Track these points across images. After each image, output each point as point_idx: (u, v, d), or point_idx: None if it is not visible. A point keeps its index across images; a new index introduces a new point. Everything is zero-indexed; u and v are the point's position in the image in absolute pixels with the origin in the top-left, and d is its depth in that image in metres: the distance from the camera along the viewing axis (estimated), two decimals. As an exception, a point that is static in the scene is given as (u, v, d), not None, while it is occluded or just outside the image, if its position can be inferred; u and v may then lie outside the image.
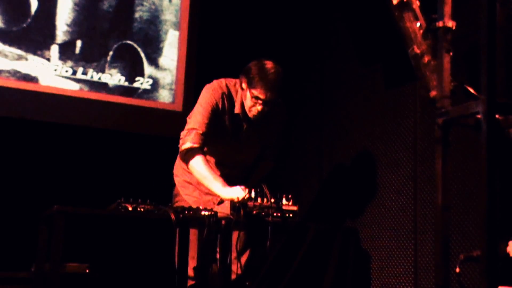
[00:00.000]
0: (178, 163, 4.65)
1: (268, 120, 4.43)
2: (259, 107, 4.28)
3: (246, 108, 4.35)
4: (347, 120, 5.32)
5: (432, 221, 4.25)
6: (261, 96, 4.23)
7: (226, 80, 4.49)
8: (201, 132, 4.29)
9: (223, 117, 4.41)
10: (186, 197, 4.52)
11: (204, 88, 4.47)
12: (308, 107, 5.84)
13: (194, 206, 3.88)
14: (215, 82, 4.47)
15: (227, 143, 4.48)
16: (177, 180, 4.65)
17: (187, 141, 4.29)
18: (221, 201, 4.07)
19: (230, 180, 4.24)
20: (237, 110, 4.41)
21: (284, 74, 4.33)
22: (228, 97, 4.42)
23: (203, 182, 4.27)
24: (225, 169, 4.51)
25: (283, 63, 4.38)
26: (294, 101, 5.76)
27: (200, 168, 4.25)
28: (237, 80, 4.43)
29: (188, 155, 4.30)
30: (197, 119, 4.34)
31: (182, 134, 4.37)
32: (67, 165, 5.75)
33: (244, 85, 4.32)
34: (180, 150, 4.37)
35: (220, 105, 4.38)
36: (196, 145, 4.28)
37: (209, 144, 4.43)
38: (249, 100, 4.29)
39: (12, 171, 5.49)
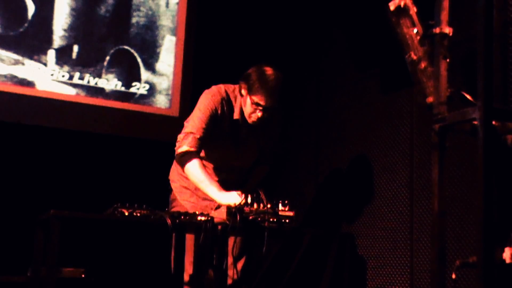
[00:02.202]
0: (175, 168, 4.64)
1: (266, 125, 4.43)
2: (259, 114, 4.28)
3: (246, 114, 4.35)
4: (343, 125, 5.32)
5: (428, 227, 4.25)
6: (262, 103, 4.23)
7: (225, 86, 4.48)
8: (198, 136, 4.29)
9: (221, 123, 4.40)
10: (183, 202, 4.52)
11: (203, 93, 4.46)
12: (304, 112, 5.85)
13: (191, 212, 3.88)
14: (214, 87, 4.46)
15: (225, 148, 4.48)
16: (174, 185, 4.64)
17: (184, 144, 4.29)
18: (219, 207, 4.07)
19: (227, 185, 4.24)
20: (236, 116, 4.41)
21: (283, 80, 4.33)
22: (227, 102, 4.42)
23: (198, 185, 4.26)
24: (222, 174, 4.51)
25: (279, 67, 4.38)
26: (290, 106, 5.76)
27: (196, 172, 4.24)
28: (236, 86, 4.43)
29: (184, 158, 4.29)
30: (194, 123, 4.33)
31: (179, 137, 4.36)
32: (64, 170, 5.75)
33: (244, 92, 4.31)
34: (176, 153, 4.36)
35: (219, 111, 4.38)
36: (192, 149, 4.28)
37: (207, 149, 4.43)
38: (249, 106, 4.29)
39: (8, 175, 5.49)
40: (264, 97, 4.22)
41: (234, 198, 3.97)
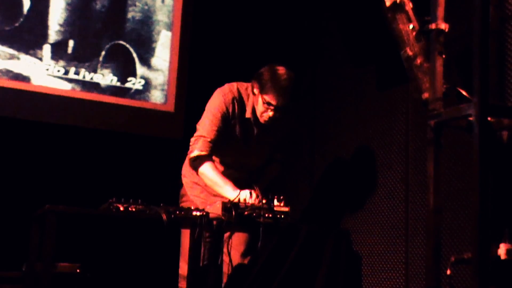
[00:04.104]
0: (187, 163, 4.62)
1: (277, 123, 4.41)
2: (270, 113, 4.25)
3: (258, 114, 4.33)
4: (339, 121, 5.32)
5: (423, 223, 4.25)
6: (273, 102, 4.21)
7: (238, 84, 4.45)
8: (209, 139, 4.28)
9: (233, 122, 4.38)
10: (193, 198, 4.51)
11: (215, 92, 4.43)
12: (300, 108, 5.84)
13: (201, 207, 3.88)
14: (226, 86, 4.44)
15: (237, 147, 4.45)
16: (185, 180, 4.63)
17: (195, 149, 4.29)
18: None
19: (239, 183, 4.20)
20: (248, 114, 4.39)
21: (296, 79, 4.33)
22: (239, 101, 4.39)
23: (213, 188, 4.26)
24: (235, 173, 4.47)
25: (275, 63, 4.37)
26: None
27: (210, 175, 4.25)
28: (249, 84, 4.39)
29: (197, 162, 4.30)
30: (205, 126, 4.33)
31: (191, 141, 4.37)
32: (59, 165, 5.74)
33: (256, 91, 4.29)
34: (188, 157, 4.38)
35: (230, 110, 4.36)
36: (204, 153, 4.28)
37: (219, 148, 4.40)
38: (261, 105, 4.26)
39: (4, 170, 5.48)
40: (275, 97, 4.20)
41: (246, 195, 3.98)
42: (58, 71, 5.86)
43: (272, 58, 4.51)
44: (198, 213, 3.76)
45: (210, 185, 4.30)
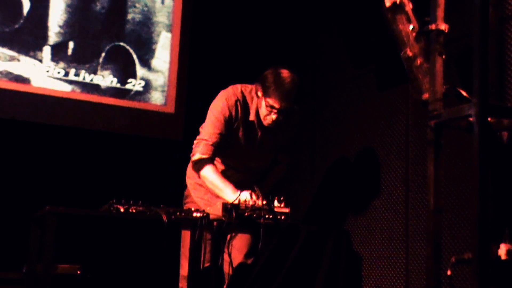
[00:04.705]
0: (191, 165, 4.62)
1: (282, 125, 4.41)
2: (273, 116, 4.23)
3: (261, 116, 4.30)
4: (339, 122, 5.32)
5: (424, 224, 4.25)
6: (276, 106, 4.19)
7: (242, 86, 4.43)
8: (211, 143, 4.27)
9: (236, 125, 4.36)
10: (197, 199, 4.50)
11: (218, 94, 4.41)
12: (300, 109, 5.84)
13: (204, 209, 3.88)
14: (230, 88, 4.42)
15: (241, 149, 4.44)
16: (189, 182, 4.62)
17: (197, 152, 4.29)
18: None
19: (244, 185, 4.19)
20: (251, 117, 4.37)
21: (300, 82, 4.31)
22: (242, 104, 4.37)
23: (214, 191, 4.24)
24: (239, 175, 4.47)
25: (274, 64, 4.36)
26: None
27: (211, 178, 4.23)
28: (253, 87, 4.36)
29: (198, 166, 4.29)
30: (207, 129, 4.32)
31: (194, 144, 4.36)
32: (59, 167, 5.74)
33: (259, 93, 4.27)
34: (191, 160, 4.38)
35: (233, 113, 4.34)
36: (205, 156, 4.27)
37: (223, 151, 4.40)
38: (264, 108, 4.24)
39: (4, 172, 5.48)
40: (278, 100, 4.18)
41: (246, 196, 3.97)
42: (58, 72, 5.87)
43: (272, 59, 4.50)
44: (198, 214, 3.76)
45: (211, 188, 4.29)
